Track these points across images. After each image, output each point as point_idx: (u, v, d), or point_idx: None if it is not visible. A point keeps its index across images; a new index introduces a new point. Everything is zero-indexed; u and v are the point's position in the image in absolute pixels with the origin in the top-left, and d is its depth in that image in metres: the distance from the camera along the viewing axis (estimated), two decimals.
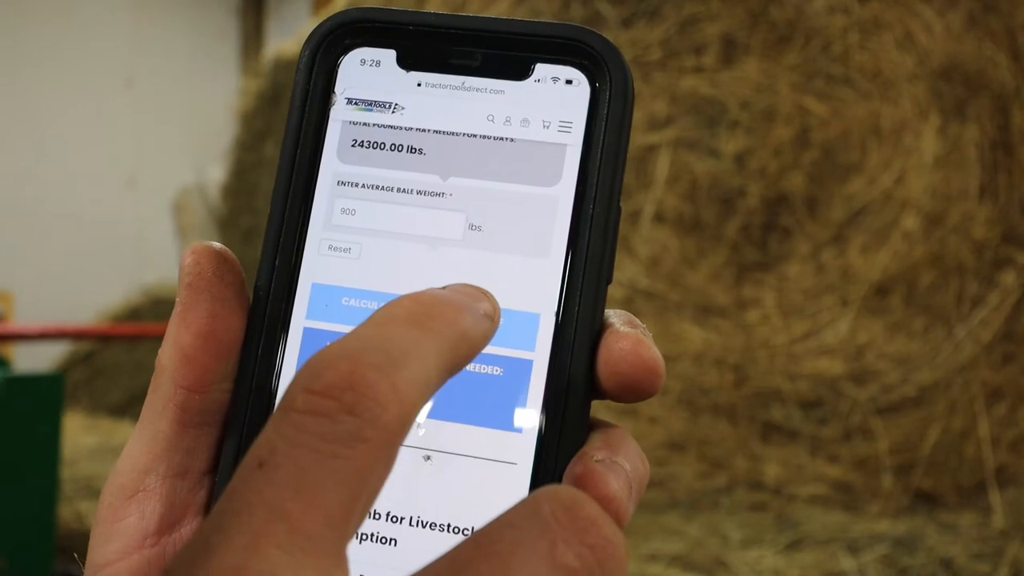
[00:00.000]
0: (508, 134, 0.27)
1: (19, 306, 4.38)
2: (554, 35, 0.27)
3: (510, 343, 0.26)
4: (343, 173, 0.27)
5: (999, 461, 1.84)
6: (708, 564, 1.53)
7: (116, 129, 4.93)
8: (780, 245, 2.00)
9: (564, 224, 0.26)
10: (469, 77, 0.27)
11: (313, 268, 0.27)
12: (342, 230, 0.27)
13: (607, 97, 0.26)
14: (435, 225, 0.27)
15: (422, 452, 0.26)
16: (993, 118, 1.89)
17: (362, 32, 0.28)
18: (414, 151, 0.27)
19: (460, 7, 2.06)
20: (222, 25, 5.41)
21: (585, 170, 0.26)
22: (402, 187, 0.27)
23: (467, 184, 0.27)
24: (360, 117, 0.27)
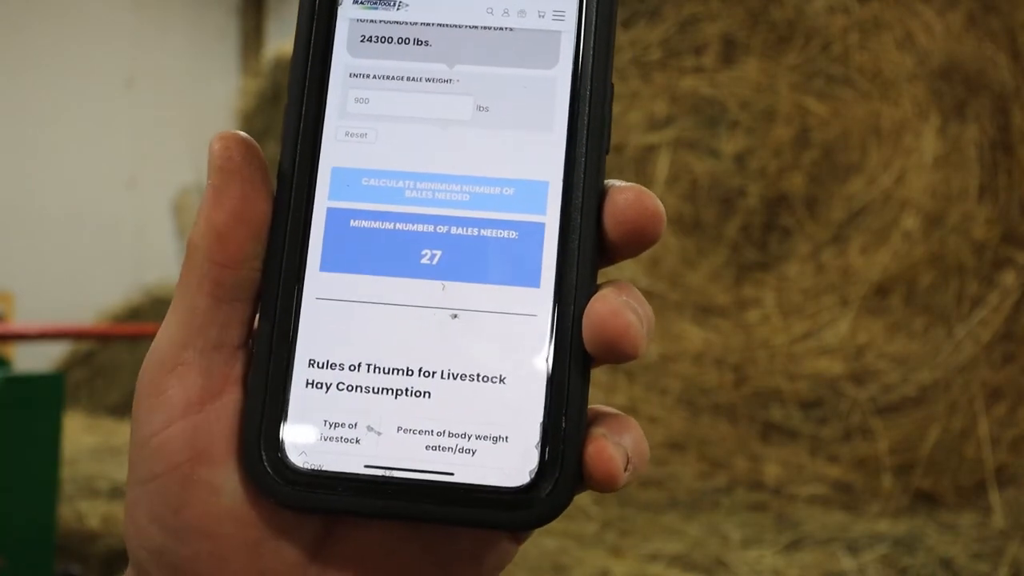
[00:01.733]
0: (507, 24, 0.29)
1: (19, 306, 4.38)
2: None
3: (523, 209, 0.29)
4: (354, 66, 0.29)
5: (999, 461, 1.84)
6: (708, 564, 1.54)
7: (116, 129, 4.93)
8: (780, 245, 2.00)
9: (564, 101, 0.29)
10: None
11: (332, 153, 0.29)
12: (357, 117, 0.29)
13: None
14: (445, 108, 0.29)
15: (449, 311, 0.28)
16: (993, 118, 1.89)
17: None
18: (420, 43, 0.29)
19: None
20: (222, 25, 5.41)
21: (579, 53, 0.29)
22: (411, 76, 0.29)
23: (472, 70, 0.29)
24: (367, 15, 0.30)
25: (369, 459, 0.27)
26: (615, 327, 0.27)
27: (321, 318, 0.28)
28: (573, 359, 0.28)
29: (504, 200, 0.29)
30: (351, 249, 0.29)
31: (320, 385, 0.28)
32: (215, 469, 0.28)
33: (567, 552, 1.57)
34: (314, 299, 0.28)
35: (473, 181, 0.29)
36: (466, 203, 0.29)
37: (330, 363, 0.28)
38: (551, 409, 0.28)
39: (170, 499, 0.28)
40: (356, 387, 0.28)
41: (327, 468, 0.27)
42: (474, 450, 0.27)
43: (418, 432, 0.28)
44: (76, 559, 1.81)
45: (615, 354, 0.28)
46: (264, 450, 0.28)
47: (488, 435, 0.27)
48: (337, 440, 0.28)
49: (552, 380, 0.28)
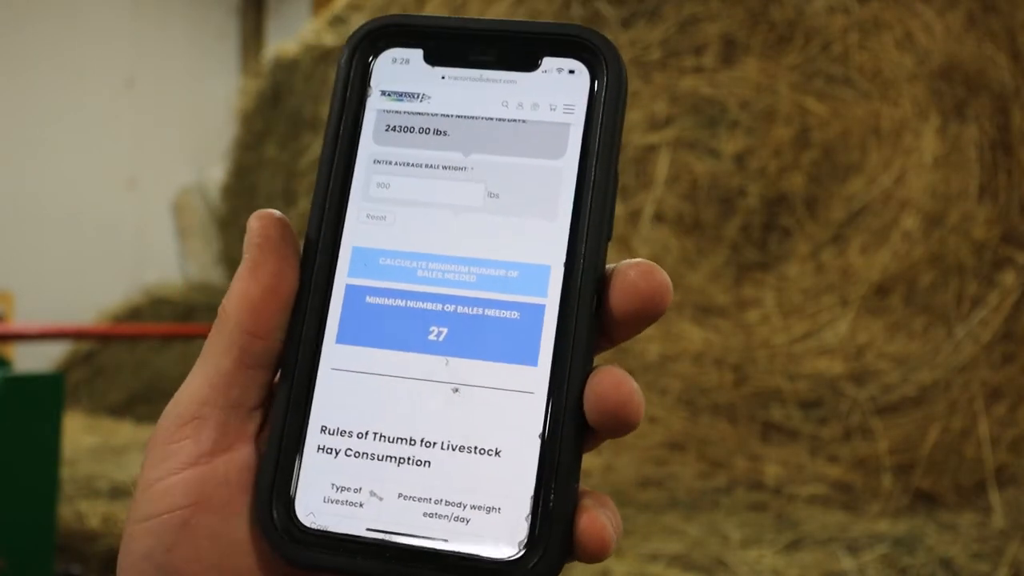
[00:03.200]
0: (520, 116, 0.32)
1: (19, 306, 4.38)
2: (559, 32, 0.32)
3: (525, 291, 0.31)
4: (378, 153, 0.32)
5: (999, 461, 1.84)
6: (708, 564, 1.54)
7: (116, 129, 4.93)
8: (780, 245, 2.00)
9: (569, 190, 0.31)
10: (486, 70, 0.32)
11: (354, 233, 0.32)
12: (378, 201, 0.32)
13: (604, 83, 0.31)
14: (458, 194, 0.31)
15: (451, 386, 0.30)
16: (993, 118, 1.89)
17: (393, 35, 0.33)
18: (439, 133, 0.32)
19: (459, 9, 2.06)
20: (222, 25, 5.41)
21: (586, 145, 0.31)
22: (429, 163, 0.32)
23: (485, 159, 0.32)
24: (392, 106, 0.32)
25: (371, 523, 0.29)
26: (619, 396, 0.29)
27: (335, 387, 0.31)
28: (566, 435, 0.29)
29: (508, 282, 0.31)
30: (365, 324, 0.31)
31: (330, 450, 0.30)
32: (214, 517, 0.30)
33: None
34: (330, 369, 0.31)
35: (480, 263, 0.31)
36: (472, 284, 0.31)
37: (340, 430, 0.30)
38: (542, 484, 0.29)
39: (165, 538, 0.29)
40: (362, 454, 0.30)
41: (332, 529, 0.29)
42: (468, 519, 0.29)
43: (417, 499, 0.29)
44: (76, 559, 1.81)
45: (618, 421, 0.29)
46: (275, 508, 0.30)
47: (482, 505, 0.29)
48: (343, 503, 0.30)
49: (544, 455, 0.29)
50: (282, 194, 2.92)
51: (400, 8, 2.09)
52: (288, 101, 2.75)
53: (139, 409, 3.32)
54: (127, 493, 1.96)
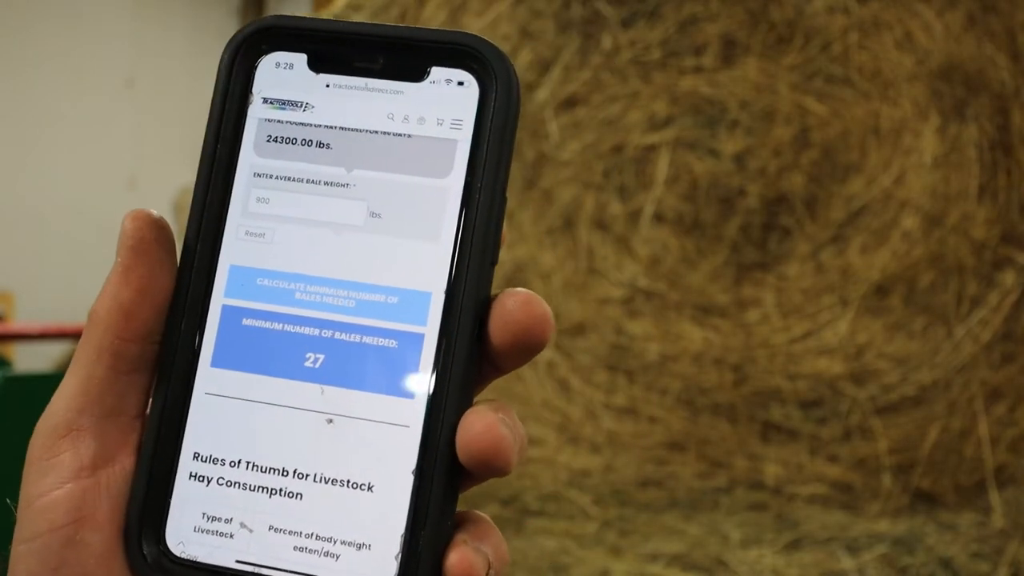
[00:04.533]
0: (406, 130, 0.30)
1: (19, 306, 4.38)
2: (448, 41, 0.30)
3: (404, 318, 0.29)
4: (259, 165, 0.30)
5: (998, 461, 1.84)
6: (708, 564, 1.54)
7: (116, 129, 4.93)
8: (780, 245, 2.00)
9: (454, 211, 0.29)
10: (372, 79, 0.30)
11: (231, 251, 0.30)
12: (257, 217, 0.30)
13: (494, 98, 0.30)
14: (340, 212, 0.30)
15: (326, 416, 0.29)
16: (992, 118, 1.89)
17: (276, 38, 0.31)
18: (322, 146, 0.30)
19: (458, 10, 2.06)
20: (222, 25, 5.41)
21: (473, 163, 0.30)
22: (311, 178, 0.30)
23: (369, 176, 0.30)
24: (274, 115, 0.31)
25: (240, 554, 0.29)
26: (488, 441, 0.28)
27: (208, 413, 0.29)
28: (439, 471, 0.28)
29: (387, 309, 0.29)
30: (241, 347, 0.30)
31: (202, 478, 0.29)
32: (97, 534, 0.29)
33: (567, 552, 1.58)
34: (203, 393, 0.29)
35: (360, 288, 0.29)
36: (351, 309, 0.29)
37: (213, 458, 0.29)
38: (413, 521, 0.28)
39: (49, 558, 0.28)
40: (234, 483, 0.29)
41: (201, 560, 0.29)
42: (338, 555, 0.28)
43: (288, 532, 0.29)
44: None
45: (487, 467, 0.28)
46: (144, 535, 0.29)
47: (352, 541, 0.28)
48: (213, 533, 0.29)
49: (417, 492, 0.28)
50: None
51: (400, 8, 2.08)
52: None
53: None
54: None
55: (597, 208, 2.06)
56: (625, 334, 2.02)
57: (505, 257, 2.11)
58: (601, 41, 2.03)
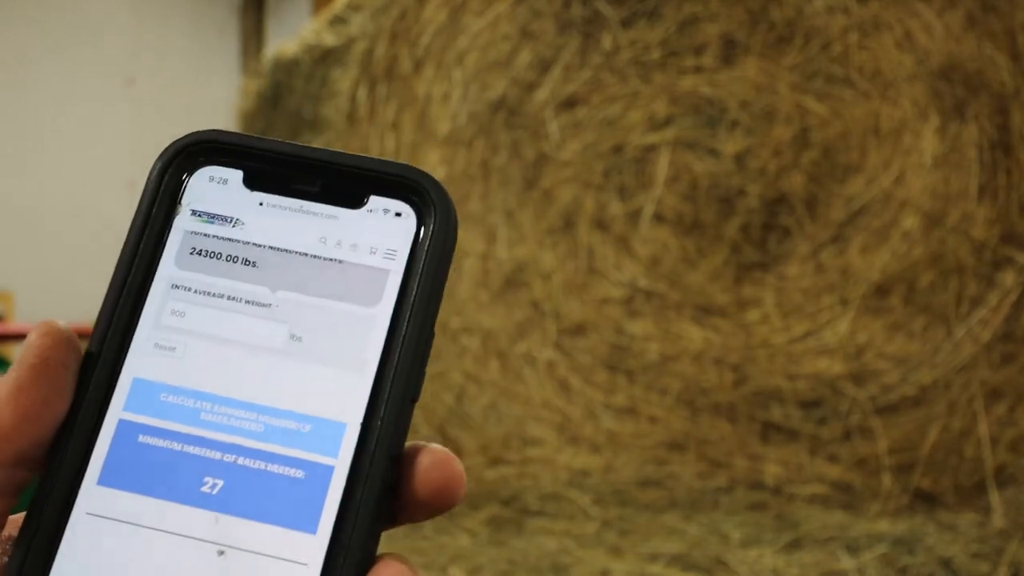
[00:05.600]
0: (337, 256, 0.29)
1: (19, 306, 4.38)
2: (389, 172, 0.30)
3: (315, 448, 0.27)
4: (178, 278, 0.29)
5: (998, 461, 1.85)
6: (708, 564, 1.54)
7: (116, 129, 4.93)
8: (780, 245, 2.00)
9: (378, 343, 0.28)
10: (308, 202, 0.30)
11: (137, 363, 0.28)
12: (170, 330, 0.29)
13: (430, 232, 0.29)
14: (259, 333, 0.28)
15: (217, 547, 0.27)
16: (992, 118, 1.89)
17: (214, 151, 0.30)
18: (248, 263, 0.29)
19: (459, 7, 2.06)
20: (222, 24, 5.41)
21: (403, 295, 0.29)
22: (232, 295, 0.29)
23: (294, 298, 0.29)
24: (202, 228, 0.30)
25: None
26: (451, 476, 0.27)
27: (86, 535, 0.27)
28: None
29: (298, 437, 0.28)
30: (133, 465, 0.27)
31: None
32: None
33: (567, 552, 1.58)
34: (84, 513, 0.27)
35: (270, 412, 0.28)
36: (259, 434, 0.28)
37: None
38: None
39: None
40: None
41: None
42: None
43: None
44: None
45: None
46: None
47: None
48: None
49: None
50: None
51: (400, 8, 2.08)
52: (288, 101, 2.75)
53: None
54: None
55: (597, 208, 2.06)
56: (625, 334, 2.02)
57: (505, 257, 2.11)
58: (601, 41, 2.03)
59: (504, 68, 2.08)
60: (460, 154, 2.11)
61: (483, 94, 2.09)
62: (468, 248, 2.12)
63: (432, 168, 2.13)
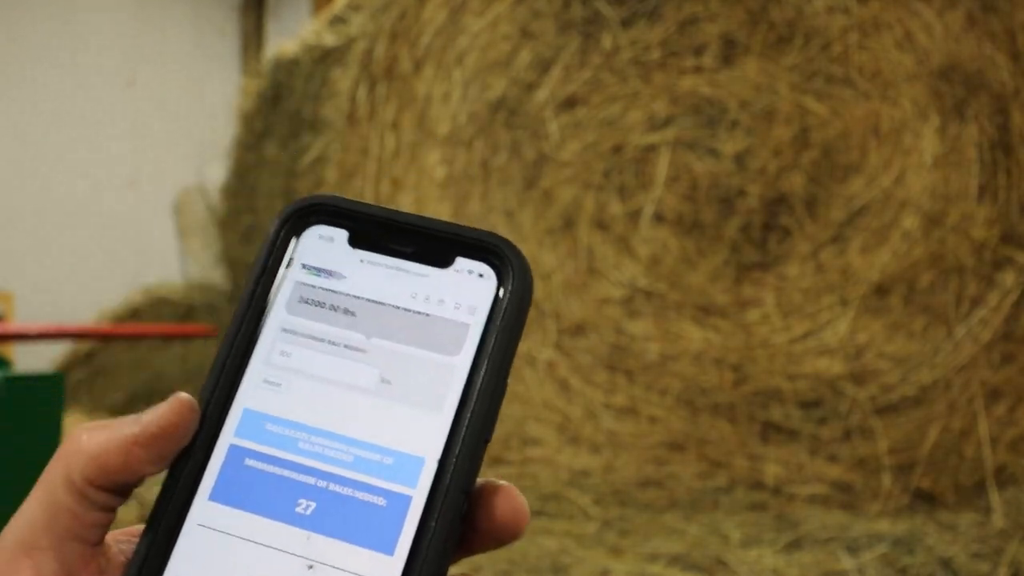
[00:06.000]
0: (425, 310, 0.33)
1: (19, 306, 4.38)
2: (475, 238, 0.34)
3: (396, 479, 0.31)
4: (288, 322, 0.33)
5: (998, 461, 1.85)
6: (708, 564, 1.54)
7: (117, 129, 4.93)
8: (780, 245, 2.00)
9: (458, 388, 0.32)
10: (403, 260, 0.34)
11: (248, 395, 0.32)
12: (277, 368, 0.33)
13: (508, 292, 0.33)
14: (353, 374, 0.33)
15: (307, 561, 0.30)
16: (992, 118, 1.89)
17: (324, 213, 0.34)
18: (348, 312, 0.33)
19: (459, 7, 2.06)
20: (222, 24, 5.41)
21: (482, 347, 0.32)
22: (333, 340, 0.33)
23: (385, 345, 0.33)
24: (310, 280, 0.34)
25: None
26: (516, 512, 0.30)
27: (196, 543, 0.31)
28: None
29: (381, 468, 0.31)
30: (240, 485, 0.31)
31: None
32: None
33: (567, 552, 1.58)
34: (196, 524, 0.31)
35: (359, 445, 0.32)
36: (348, 464, 0.31)
37: None
38: None
39: None
40: None
41: None
42: None
43: None
44: None
45: None
46: None
47: None
48: None
49: None
50: (282, 194, 2.91)
51: (400, 8, 2.08)
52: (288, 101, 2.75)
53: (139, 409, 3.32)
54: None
55: (597, 208, 2.06)
56: (625, 334, 2.02)
57: None
58: (601, 41, 2.03)
59: (504, 68, 2.08)
60: (460, 154, 2.11)
61: (483, 94, 2.09)
62: None
63: (432, 168, 2.13)
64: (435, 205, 2.13)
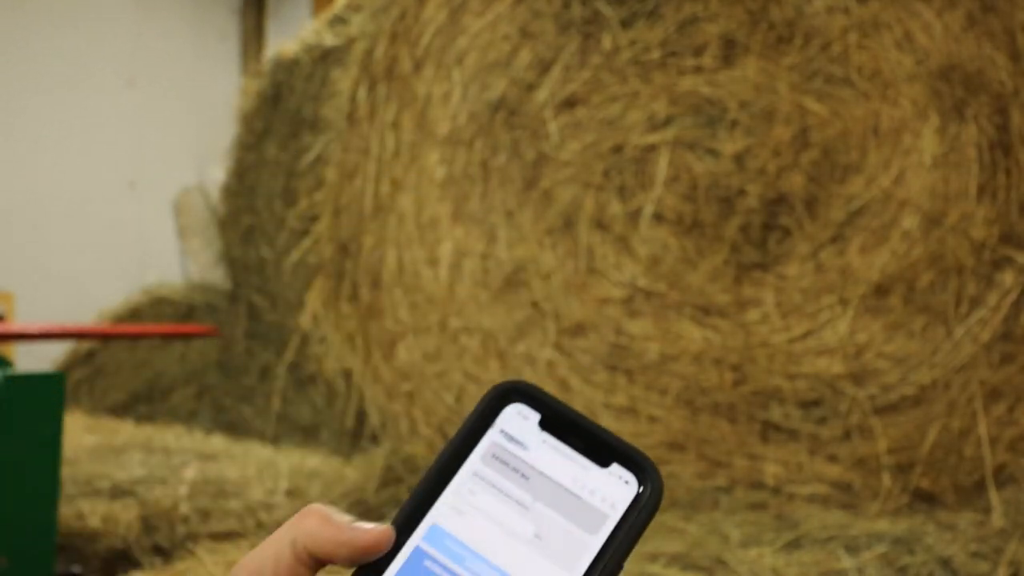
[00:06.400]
0: (580, 494, 0.43)
1: (20, 306, 4.38)
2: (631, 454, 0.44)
3: None
4: (479, 470, 0.44)
5: (998, 460, 1.85)
6: (708, 563, 1.54)
7: (117, 129, 4.93)
8: (779, 245, 2.01)
9: (589, 558, 0.42)
10: (574, 451, 0.44)
11: (438, 513, 0.43)
12: (464, 500, 0.43)
13: (644, 499, 0.43)
14: (516, 524, 0.43)
15: None
16: (992, 118, 1.90)
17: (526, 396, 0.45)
18: (523, 476, 0.44)
19: (459, 7, 2.07)
20: (223, 25, 5.41)
21: (613, 535, 0.43)
22: (508, 493, 0.44)
23: (545, 511, 0.43)
24: (503, 443, 0.44)
25: None
26: None
27: None
28: None
29: None
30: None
31: None
32: None
33: None
34: None
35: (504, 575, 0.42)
36: None
37: None
38: None
39: None
40: None
41: None
42: None
43: None
44: (77, 559, 1.82)
45: None
46: None
47: None
48: None
49: None
50: (282, 194, 2.91)
51: (400, 8, 2.09)
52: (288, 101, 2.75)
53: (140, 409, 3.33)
54: (127, 493, 1.96)
55: (597, 208, 2.06)
56: (625, 334, 2.03)
57: (505, 257, 2.11)
58: (601, 41, 2.04)
59: (504, 68, 2.08)
60: (460, 154, 2.11)
61: (483, 94, 2.09)
62: (468, 248, 2.12)
63: (432, 168, 2.13)
64: (435, 205, 2.13)
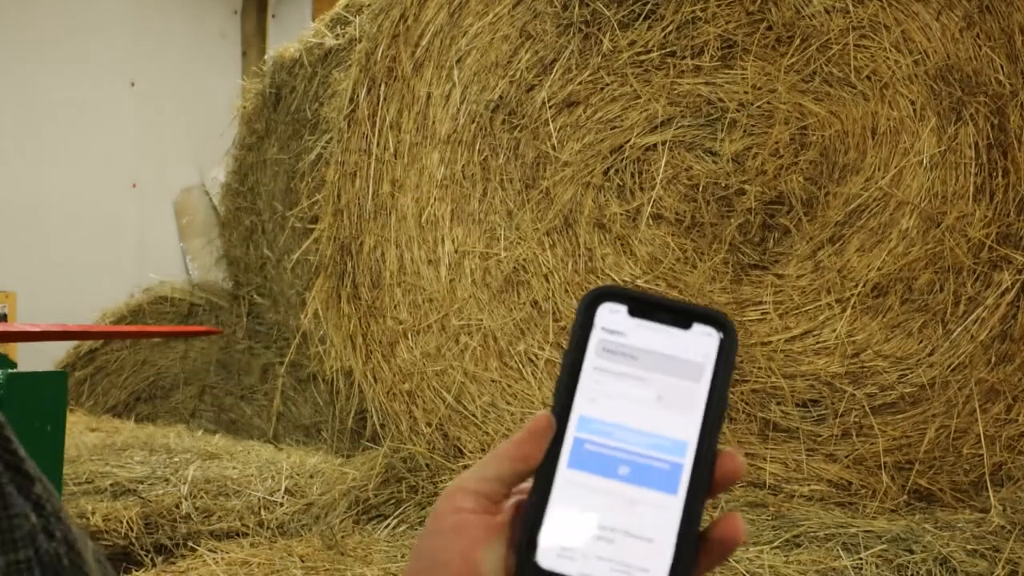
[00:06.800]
0: (678, 354, 0.54)
1: (22, 306, 4.39)
2: (705, 312, 0.54)
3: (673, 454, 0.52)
4: (597, 363, 0.54)
5: (996, 459, 1.85)
6: None
7: (119, 130, 4.94)
8: (778, 245, 2.01)
9: (702, 401, 0.53)
10: (662, 324, 0.54)
11: (580, 406, 0.53)
12: (594, 391, 0.54)
13: (726, 344, 0.53)
14: (640, 394, 0.53)
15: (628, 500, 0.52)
16: (989, 119, 1.90)
17: (612, 296, 0.55)
18: (632, 357, 0.54)
19: (459, 7, 2.07)
20: (224, 26, 5.42)
21: (714, 377, 0.53)
22: (624, 374, 0.54)
23: (657, 376, 0.53)
24: (607, 337, 0.54)
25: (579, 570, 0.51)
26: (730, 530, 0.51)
27: (564, 492, 0.52)
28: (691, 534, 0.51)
29: (664, 447, 0.52)
30: (583, 459, 0.52)
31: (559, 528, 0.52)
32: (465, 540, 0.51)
33: None
34: (563, 480, 0.52)
35: (649, 435, 0.53)
36: (644, 445, 0.53)
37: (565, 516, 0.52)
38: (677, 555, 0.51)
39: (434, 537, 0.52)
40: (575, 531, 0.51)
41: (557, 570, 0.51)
42: None
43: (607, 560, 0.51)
44: None
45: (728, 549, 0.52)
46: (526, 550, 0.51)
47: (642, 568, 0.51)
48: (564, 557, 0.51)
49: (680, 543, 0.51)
50: (283, 194, 2.92)
51: (400, 9, 2.09)
52: (289, 101, 2.76)
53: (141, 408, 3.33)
54: (129, 491, 1.97)
55: (597, 208, 2.07)
56: None
57: (505, 257, 2.12)
58: (601, 42, 2.04)
59: (504, 69, 2.08)
60: (460, 154, 2.12)
61: (483, 94, 2.10)
62: (468, 248, 2.12)
63: (432, 168, 2.14)
64: (435, 205, 2.14)
